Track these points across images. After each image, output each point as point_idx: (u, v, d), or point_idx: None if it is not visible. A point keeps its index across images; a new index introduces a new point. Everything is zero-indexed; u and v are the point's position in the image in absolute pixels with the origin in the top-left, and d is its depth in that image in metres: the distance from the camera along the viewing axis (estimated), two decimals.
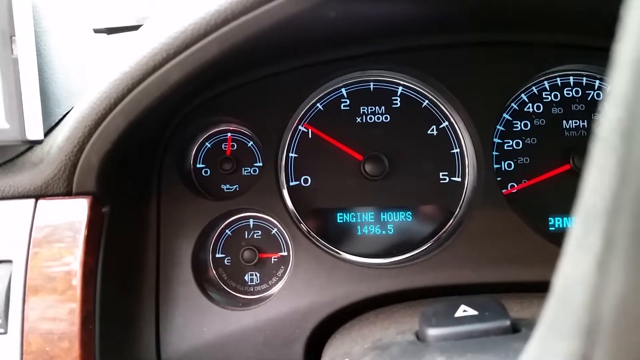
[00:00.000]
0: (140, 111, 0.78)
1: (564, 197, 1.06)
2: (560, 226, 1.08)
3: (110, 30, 1.30)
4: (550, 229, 1.08)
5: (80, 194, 0.87)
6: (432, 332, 0.72)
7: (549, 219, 1.08)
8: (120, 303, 0.96)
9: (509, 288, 0.93)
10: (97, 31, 1.27)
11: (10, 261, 0.85)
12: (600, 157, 0.28)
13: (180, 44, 0.72)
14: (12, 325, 0.83)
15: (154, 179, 1.05)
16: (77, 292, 0.84)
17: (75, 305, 0.83)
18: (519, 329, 0.72)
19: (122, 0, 1.35)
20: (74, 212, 0.86)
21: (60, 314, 0.83)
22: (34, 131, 0.84)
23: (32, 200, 0.88)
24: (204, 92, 1.05)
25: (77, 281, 0.84)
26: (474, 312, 0.73)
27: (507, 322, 0.71)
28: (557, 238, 0.99)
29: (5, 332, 0.83)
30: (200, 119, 1.08)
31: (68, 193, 0.87)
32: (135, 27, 1.30)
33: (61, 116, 0.91)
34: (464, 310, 0.74)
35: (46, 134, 0.88)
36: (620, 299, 0.27)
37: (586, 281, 0.28)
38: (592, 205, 0.29)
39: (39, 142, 0.86)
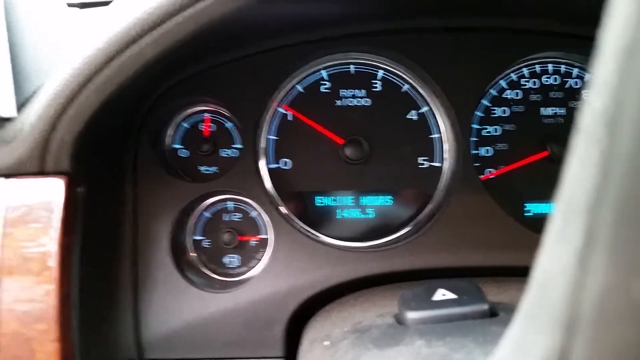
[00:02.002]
0: (114, 89, 0.76)
1: (540, 183, 1.08)
2: (536, 212, 1.10)
3: (84, 5, 1.25)
4: (526, 214, 1.10)
5: (54, 173, 0.84)
6: (411, 315, 0.73)
7: (525, 205, 1.10)
8: (98, 285, 0.94)
9: (487, 272, 0.95)
10: (70, 5, 1.23)
11: None
12: (582, 148, 0.28)
13: (155, 19, 0.70)
14: None
15: (129, 159, 1.03)
16: (54, 273, 0.82)
17: (52, 287, 0.81)
18: (497, 313, 0.73)
19: None
20: (49, 191, 0.84)
21: (36, 295, 0.81)
22: (6, 108, 0.81)
23: (2, 179, 0.85)
24: (181, 70, 1.03)
25: (53, 262, 0.82)
26: (453, 296, 0.75)
27: (485, 306, 0.73)
28: (533, 224, 1.02)
29: None
30: (177, 99, 1.06)
31: (41, 172, 0.84)
32: (108, 2, 1.26)
33: (32, 92, 0.88)
34: (443, 294, 0.75)
35: (18, 110, 0.85)
36: (599, 295, 0.27)
37: (566, 275, 0.28)
38: (573, 197, 0.28)
39: (11, 119, 0.83)
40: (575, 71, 1.13)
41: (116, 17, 0.75)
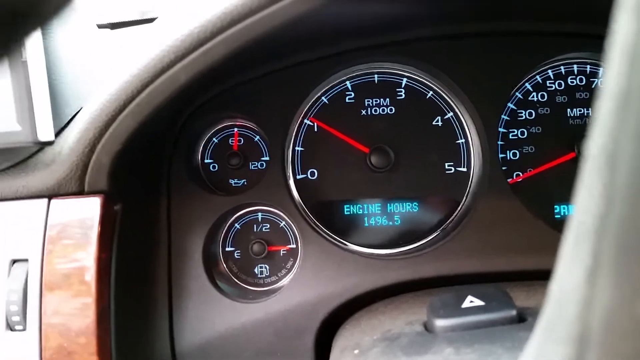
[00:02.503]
0: (149, 111, 0.79)
1: (569, 185, 1.06)
2: (566, 214, 1.09)
3: (114, 25, 1.30)
4: (556, 216, 1.09)
5: (92, 192, 0.88)
6: (440, 322, 0.73)
7: (555, 207, 1.09)
8: (134, 298, 0.98)
9: (516, 276, 0.95)
10: (100, 26, 1.28)
11: (26, 260, 0.88)
12: (589, 177, 0.29)
13: (187, 46, 0.73)
14: (30, 322, 0.85)
15: (163, 175, 1.07)
16: (92, 288, 0.86)
17: (90, 301, 0.85)
18: (525, 318, 0.73)
19: None
20: (87, 210, 0.88)
21: (75, 310, 0.85)
22: (45, 132, 0.86)
23: (45, 200, 0.90)
24: (210, 89, 1.06)
25: (91, 277, 0.86)
26: (481, 303, 0.75)
27: (514, 312, 0.73)
28: (563, 226, 1.00)
29: (24, 329, 0.86)
30: (207, 116, 1.09)
31: (80, 192, 0.89)
32: (138, 22, 1.31)
33: (70, 116, 0.93)
34: (471, 301, 0.76)
35: (56, 134, 0.89)
36: (606, 312, 0.28)
37: (577, 293, 0.30)
38: (582, 221, 0.30)
39: (50, 143, 0.87)
40: (601, 71, 1.11)
41: (150, 44, 0.79)
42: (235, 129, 1.14)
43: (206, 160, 1.14)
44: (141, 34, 1.11)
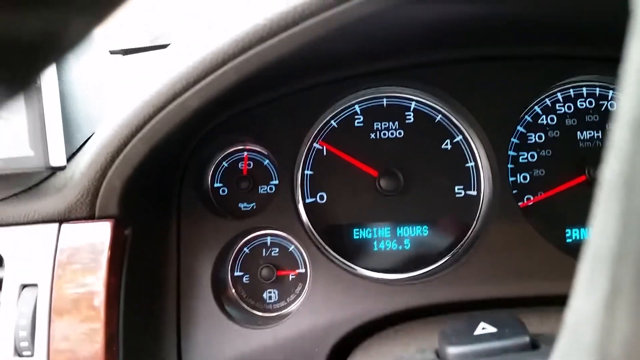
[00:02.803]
0: (160, 137, 0.80)
1: (580, 208, 1.05)
2: (578, 238, 1.08)
3: (126, 52, 1.33)
4: (568, 240, 1.08)
5: (102, 217, 0.89)
6: (452, 350, 0.72)
7: (566, 230, 1.08)
8: (143, 323, 0.97)
9: (528, 302, 0.93)
10: (112, 52, 1.30)
11: (35, 285, 0.88)
12: (605, 203, 0.29)
13: (199, 72, 0.74)
14: (38, 347, 0.85)
15: (173, 199, 1.07)
16: (101, 313, 0.85)
17: (99, 326, 0.85)
18: (539, 345, 0.72)
19: (135, 21, 1.39)
20: (97, 235, 0.89)
21: (84, 335, 0.85)
22: (57, 158, 0.86)
23: (56, 225, 0.90)
24: (221, 113, 1.07)
25: (100, 302, 0.86)
26: (493, 329, 0.74)
27: (527, 339, 0.72)
28: (575, 250, 0.99)
29: (32, 355, 0.85)
30: (217, 140, 1.10)
31: (91, 217, 0.89)
32: (150, 48, 1.33)
33: (82, 141, 0.94)
34: (483, 328, 0.75)
35: (68, 159, 0.90)
36: (627, 340, 0.28)
37: (595, 320, 0.29)
38: (599, 247, 0.29)
39: (62, 168, 0.88)
40: (610, 93, 1.11)
41: (162, 70, 0.80)
42: (245, 153, 1.14)
43: (216, 184, 1.14)
44: (153, 60, 1.12)
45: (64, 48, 0.37)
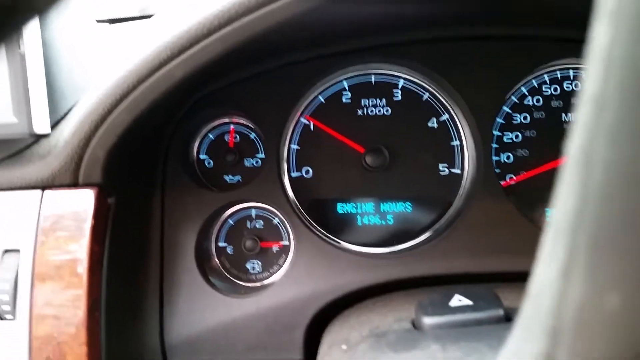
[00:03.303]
0: (145, 106, 0.80)
1: None
2: None
3: (113, 21, 1.31)
4: (547, 220, 1.09)
5: (86, 185, 0.89)
6: (428, 320, 0.74)
7: (547, 210, 1.09)
8: (126, 291, 0.98)
9: (506, 278, 0.95)
10: (99, 21, 1.29)
11: (17, 250, 0.88)
12: (567, 176, 0.31)
13: (184, 42, 0.74)
14: (20, 311, 0.86)
15: (158, 170, 1.07)
16: (83, 280, 0.86)
17: (81, 293, 0.86)
18: (512, 318, 0.73)
19: None
20: (81, 202, 0.89)
21: (66, 301, 0.86)
22: (41, 125, 0.86)
23: (39, 191, 0.90)
24: (207, 85, 1.07)
25: (83, 269, 0.87)
26: (469, 302, 0.76)
27: (501, 312, 0.74)
28: None
29: (14, 318, 0.86)
30: (204, 112, 1.10)
31: (74, 184, 0.89)
32: (137, 18, 1.31)
33: (67, 109, 0.93)
34: (459, 300, 0.76)
35: (52, 127, 0.90)
36: (579, 307, 0.29)
37: (552, 287, 0.31)
38: (560, 218, 0.31)
39: (46, 135, 0.88)
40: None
41: (148, 40, 0.79)
42: (232, 126, 1.15)
43: (201, 156, 1.15)
44: (139, 29, 1.12)
45: (40, 6, 0.37)
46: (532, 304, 0.34)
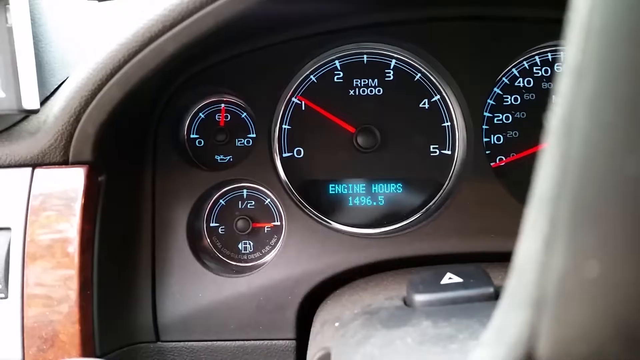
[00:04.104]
0: (135, 82, 0.79)
1: None
2: None
3: None
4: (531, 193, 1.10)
5: (76, 163, 0.88)
6: (419, 297, 0.75)
7: None
8: (117, 270, 0.98)
9: (496, 257, 0.96)
10: None
11: (8, 228, 0.87)
12: (550, 147, 0.31)
13: (176, 16, 0.73)
14: (12, 290, 0.86)
15: (149, 149, 1.06)
16: (75, 258, 0.86)
17: (72, 272, 0.86)
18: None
19: None
20: (71, 180, 0.88)
21: (58, 279, 0.85)
22: (30, 100, 0.85)
23: (29, 169, 0.89)
24: (198, 62, 1.06)
25: (74, 248, 0.86)
26: (459, 280, 0.76)
27: (491, 289, 0.74)
28: None
29: (6, 297, 0.86)
30: (194, 90, 1.09)
31: (65, 162, 0.88)
32: None
33: (56, 85, 0.92)
34: (450, 278, 0.77)
35: (42, 103, 0.89)
36: (560, 276, 0.30)
37: (535, 259, 0.32)
38: (542, 190, 0.31)
39: (35, 111, 0.87)
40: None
41: (138, 13, 0.78)
42: (222, 105, 1.14)
43: (192, 135, 1.14)
44: (129, 6, 1.10)
45: None
46: (516, 276, 0.35)
